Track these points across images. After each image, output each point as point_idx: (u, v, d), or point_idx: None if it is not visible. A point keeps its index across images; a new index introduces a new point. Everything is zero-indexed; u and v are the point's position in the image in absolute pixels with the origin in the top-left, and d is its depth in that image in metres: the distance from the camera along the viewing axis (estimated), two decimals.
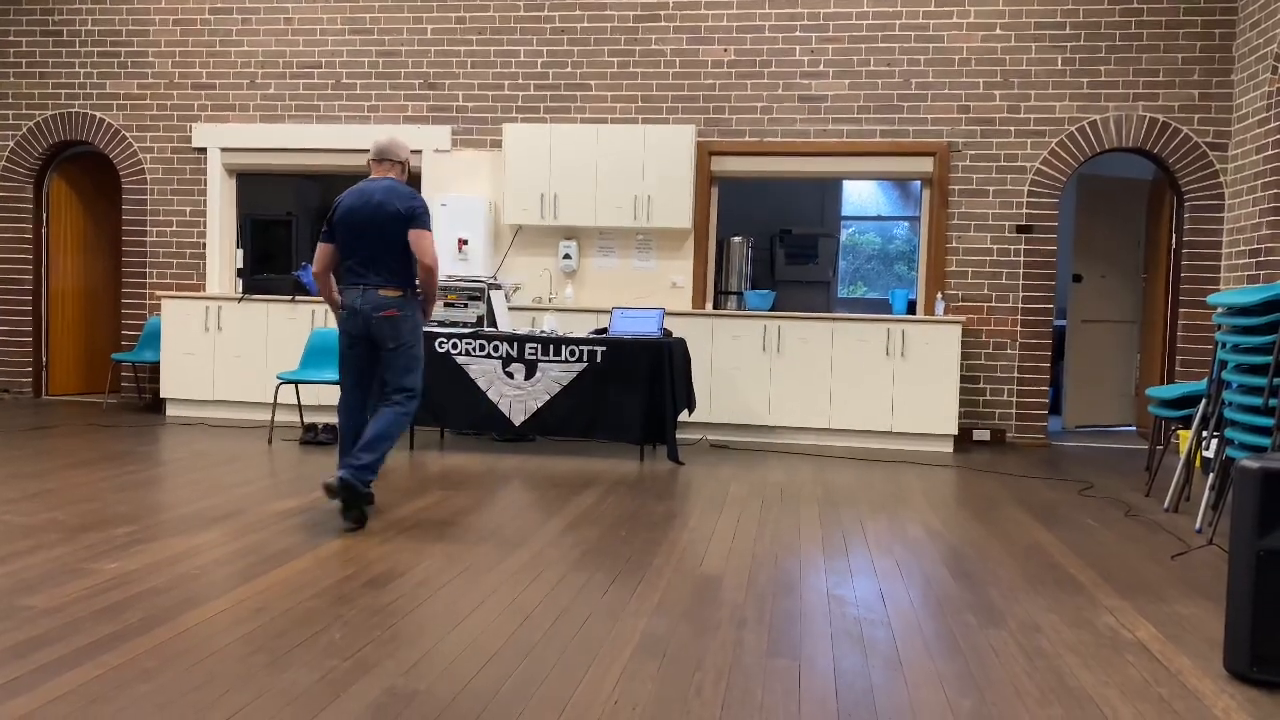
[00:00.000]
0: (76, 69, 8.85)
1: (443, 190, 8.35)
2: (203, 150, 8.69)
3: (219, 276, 8.74)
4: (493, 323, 6.88)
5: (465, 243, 8.05)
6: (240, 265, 8.94)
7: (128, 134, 8.79)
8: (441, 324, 6.84)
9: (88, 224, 9.50)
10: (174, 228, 8.77)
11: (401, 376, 4.58)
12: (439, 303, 7.11)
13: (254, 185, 11.06)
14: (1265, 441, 4.43)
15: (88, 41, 8.83)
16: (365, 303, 4.51)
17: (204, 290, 8.70)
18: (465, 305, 6.84)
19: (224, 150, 8.67)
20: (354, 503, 4.38)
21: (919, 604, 3.53)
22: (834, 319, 7.40)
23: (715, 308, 8.44)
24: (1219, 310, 4.89)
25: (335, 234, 4.57)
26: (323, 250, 4.62)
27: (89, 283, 9.53)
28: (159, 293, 8.22)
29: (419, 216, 4.52)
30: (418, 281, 4.64)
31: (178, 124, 8.73)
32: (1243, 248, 7.11)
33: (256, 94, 8.61)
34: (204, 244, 8.74)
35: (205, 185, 8.71)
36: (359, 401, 4.69)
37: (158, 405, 8.62)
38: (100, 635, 2.95)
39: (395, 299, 4.54)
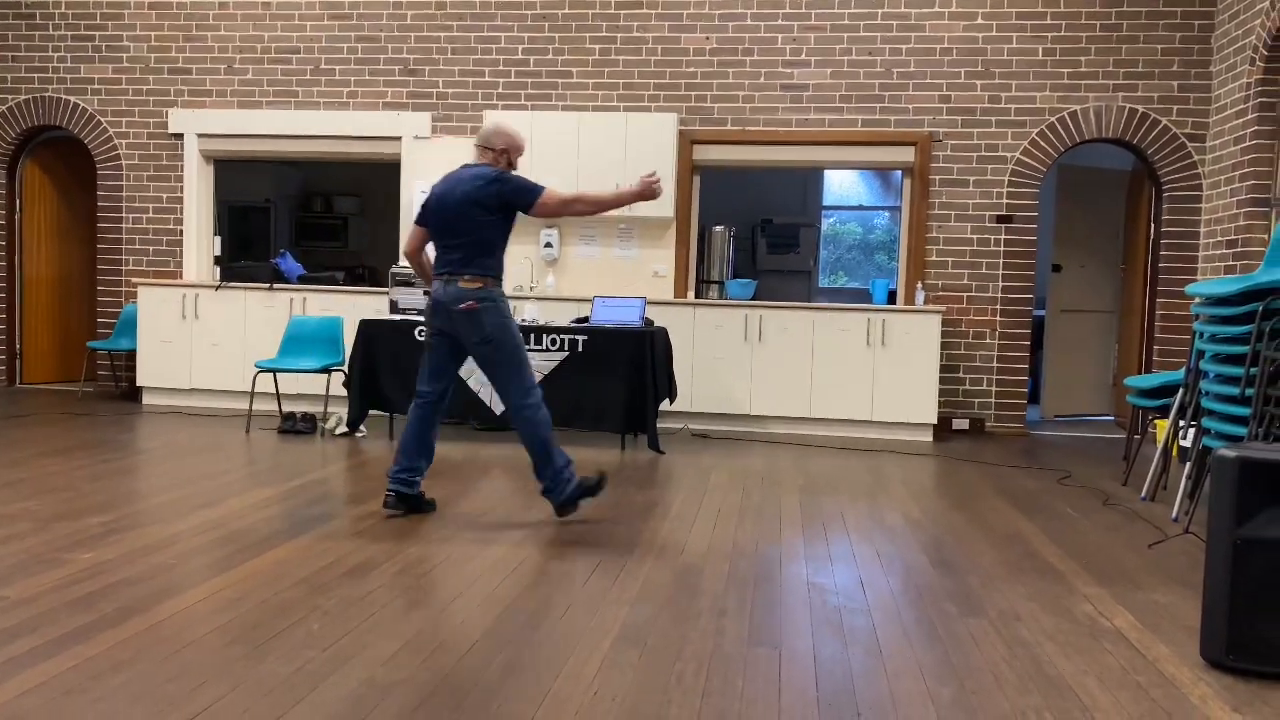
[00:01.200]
0: (50, 53, 8.72)
1: (423, 177, 8.29)
2: (179, 136, 8.60)
3: (196, 264, 8.65)
4: None
5: None
6: (218, 253, 8.86)
7: (102, 119, 8.68)
8: (422, 312, 6.80)
9: (62, 210, 9.38)
10: (150, 214, 8.67)
11: (500, 379, 4.33)
12: (419, 290, 7.05)
13: (232, 172, 10.96)
14: (1242, 431, 4.46)
15: (61, 25, 8.70)
16: (446, 295, 4.32)
17: (181, 278, 8.62)
18: None
19: (201, 136, 8.57)
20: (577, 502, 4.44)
21: (899, 592, 3.53)
22: (815, 308, 7.40)
23: (697, 297, 8.44)
24: (1196, 300, 4.92)
25: (427, 220, 4.42)
26: (413, 231, 4.51)
27: (64, 270, 9.41)
28: (135, 280, 8.13)
29: (522, 195, 4.28)
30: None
31: (154, 109, 8.62)
32: (1220, 238, 7.16)
33: (234, 79, 8.51)
34: (181, 231, 8.65)
35: (182, 171, 8.62)
36: (436, 398, 4.43)
37: (134, 394, 8.54)
38: (74, 626, 2.92)
39: (474, 290, 4.29)
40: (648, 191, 4.31)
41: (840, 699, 2.58)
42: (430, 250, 5.56)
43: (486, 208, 4.29)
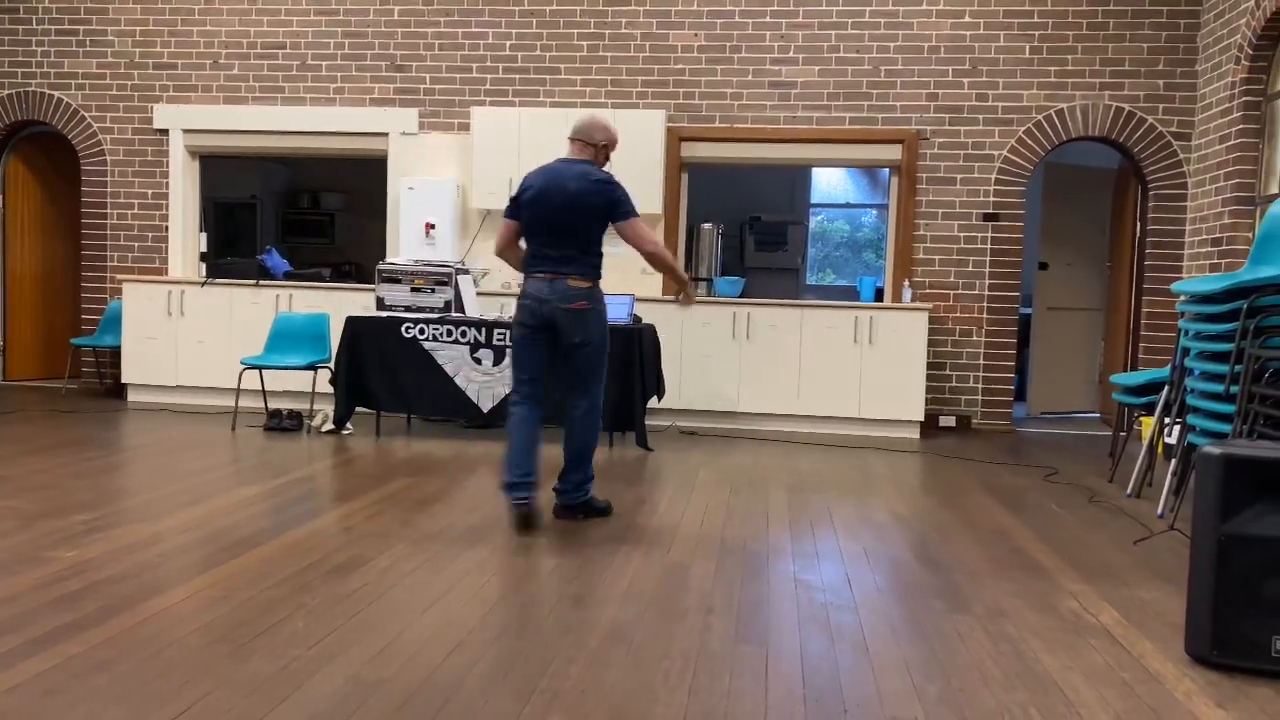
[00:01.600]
0: (33, 47, 8.66)
1: (410, 173, 8.26)
2: (164, 131, 8.54)
3: (181, 260, 8.60)
4: (460, 308, 6.82)
5: (432, 227, 7.98)
6: (203, 249, 8.81)
7: (87, 114, 8.62)
8: (409, 309, 6.78)
9: (46, 206, 9.31)
10: (135, 210, 8.62)
11: (588, 380, 4.31)
12: (406, 287, 7.03)
13: (217, 167, 10.91)
14: (1227, 428, 4.48)
15: (45, 19, 8.64)
16: (553, 293, 4.18)
17: (166, 274, 8.57)
18: (432, 290, 6.78)
19: (186, 132, 8.52)
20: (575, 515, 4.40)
21: (885, 589, 3.54)
22: (803, 306, 7.41)
23: None
24: (1182, 298, 4.94)
25: (521, 215, 4.28)
26: (505, 227, 4.34)
27: (47, 266, 9.35)
28: (120, 276, 8.08)
29: (620, 206, 4.20)
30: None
31: (138, 104, 8.57)
32: (1205, 236, 7.19)
33: (220, 74, 8.46)
34: (166, 227, 8.59)
35: (167, 167, 8.57)
36: (534, 400, 4.32)
37: (119, 391, 8.48)
38: (57, 625, 2.90)
39: (585, 290, 4.22)
40: (687, 294, 4.47)
41: (827, 696, 2.58)
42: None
43: (595, 208, 4.18)
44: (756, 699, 2.54)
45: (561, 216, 4.19)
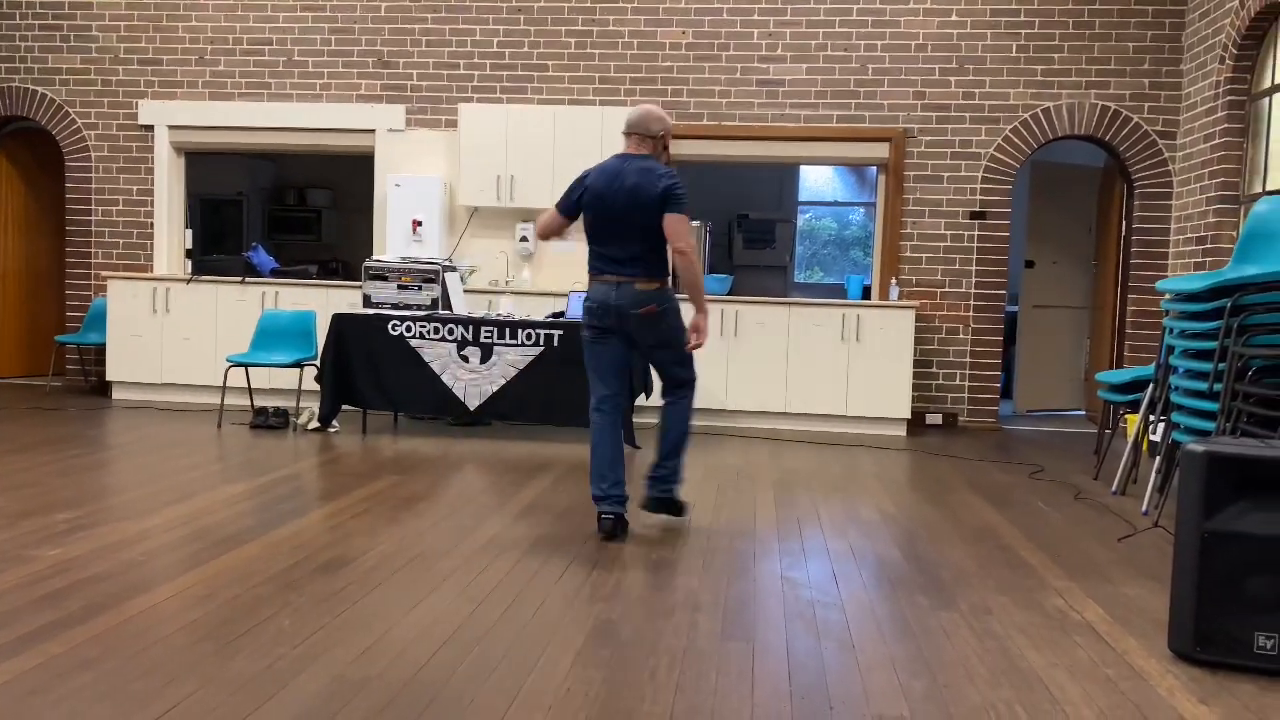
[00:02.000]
0: (17, 42, 8.59)
1: (397, 170, 8.24)
2: (149, 128, 8.49)
3: (167, 257, 8.55)
4: (448, 305, 6.81)
5: (420, 224, 7.96)
6: (189, 246, 8.77)
7: (71, 110, 8.56)
8: (395, 306, 6.76)
9: (30, 202, 9.25)
10: (120, 207, 8.57)
11: (675, 373, 4.20)
12: (393, 284, 7.01)
13: (203, 164, 10.85)
14: (1210, 425, 4.51)
15: (29, 14, 8.57)
16: (621, 298, 4.02)
17: (151, 271, 8.52)
18: (419, 288, 6.76)
19: (172, 128, 8.47)
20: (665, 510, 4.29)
21: (872, 586, 3.55)
22: (790, 304, 7.42)
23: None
24: (1166, 296, 4.96)
25: (577, 212, 4.15)
26: (553, 216, 4.17)
27: (32, 263, 9.28)
28: (105, 273, 8.03)
29: (677, 198, 4.02)
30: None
31: (123, 100, 8.51)
32: (1190, 235, 7.23)
33: (205, 70, 8.42)
34: (151, 224, 8.54)
35: (152, 163, 8.52)
36: (615, 406, 4.17)
37: (103, 388, 8.43)
38: (40, 624, 2.88)
39: (654, 292, 4.05)
40: (700, 326, 4.11)
41: (813, 693, 2.58)
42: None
43: (655, 202, 4.01)
44: (743, 696, 2.55)
45: (624, 216, 4.02)
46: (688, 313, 5.98)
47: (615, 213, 4.03)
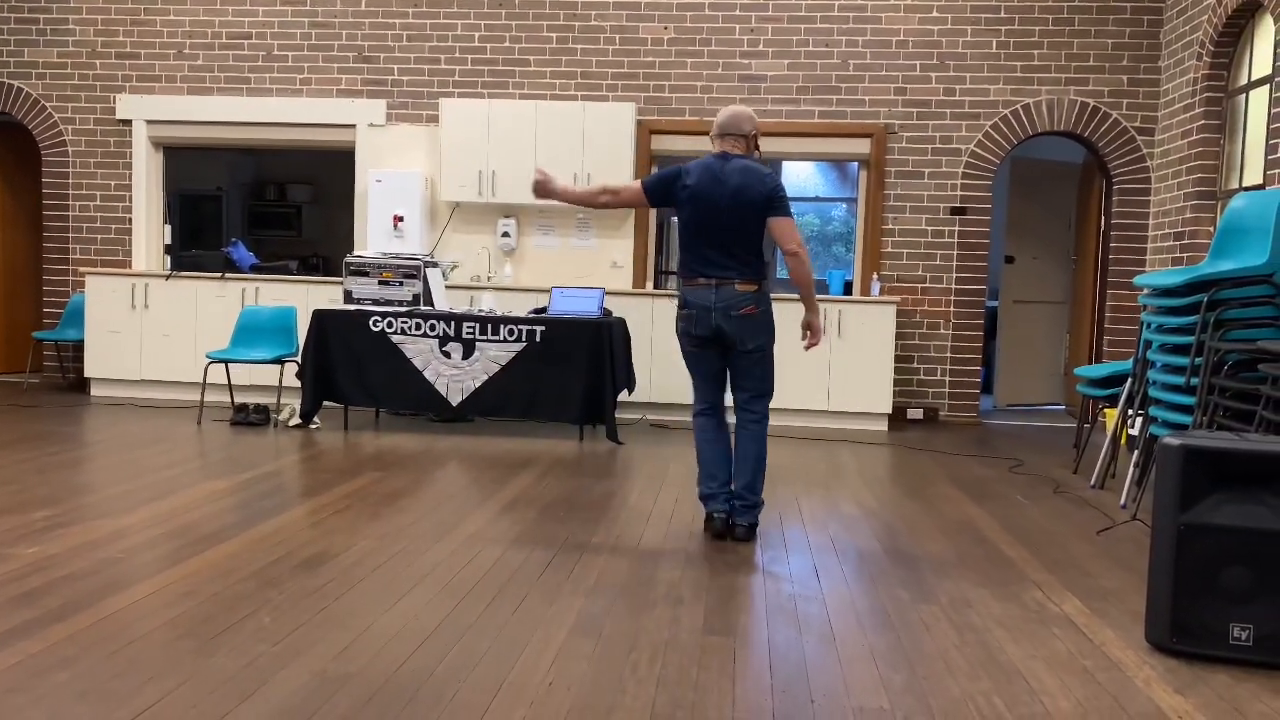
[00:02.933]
0: None
1: (378, 165, 8.20)
2: (128, 122, 8.42)
3: (146, 253, 8.49)
4: (429, 301, 6.79)
5: (401, 219, 7.93)
6: (168, 241, 8.71)
7: (48, 104, 8.48)
8: (376, 302, 6.73)
9: (6, 198, 9.16)
10: (98, 202, 8.50)
11: (759, 384, 4.14)
12: (374, 280, 6.98)
13: (182, 159, 10.77)
14: (1187, 420, 4.55)
15: (4, 7, 8.48)
16: (720, 300, 3.98)
17: (130, 267, 8.45)
18: (401, 283, 6.74)
19: (150, 122, 8.41)
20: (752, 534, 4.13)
21: (852, 580, 3.57)
22: (773, 299, 7.42)
23: (655, 288, 8.43)
24: (1144, 291, 5.00)
25: (662, 203, 4.12)
26: (636, 194, 4.11)
27: (8, 258, 9.20)
28: (83, 269, 7.96)
29: (783, 201, 4.01)
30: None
31: (100, 94, 8.44)
32: (1168, 230, 7.29)
33: (184, 64, 8.35)
34: (130, 219, 8.48)
35: (131, 158, 8.45)
36: (718, 408, 4.20)
37: (82, 385, 8.37)
38: (17, 622, 2.86)
39: (752, 294, 4.02)
40: (815, 325, 4.17)
41: (794, 686, 2.60)
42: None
43: (757, 204, 3.98)
44: (724, 690, 2.56)
45: (726, 216, 3.98)
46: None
47: (719, 214, 3.99)
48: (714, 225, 4.01)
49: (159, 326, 7.80)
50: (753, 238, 4.03)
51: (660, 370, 7.50)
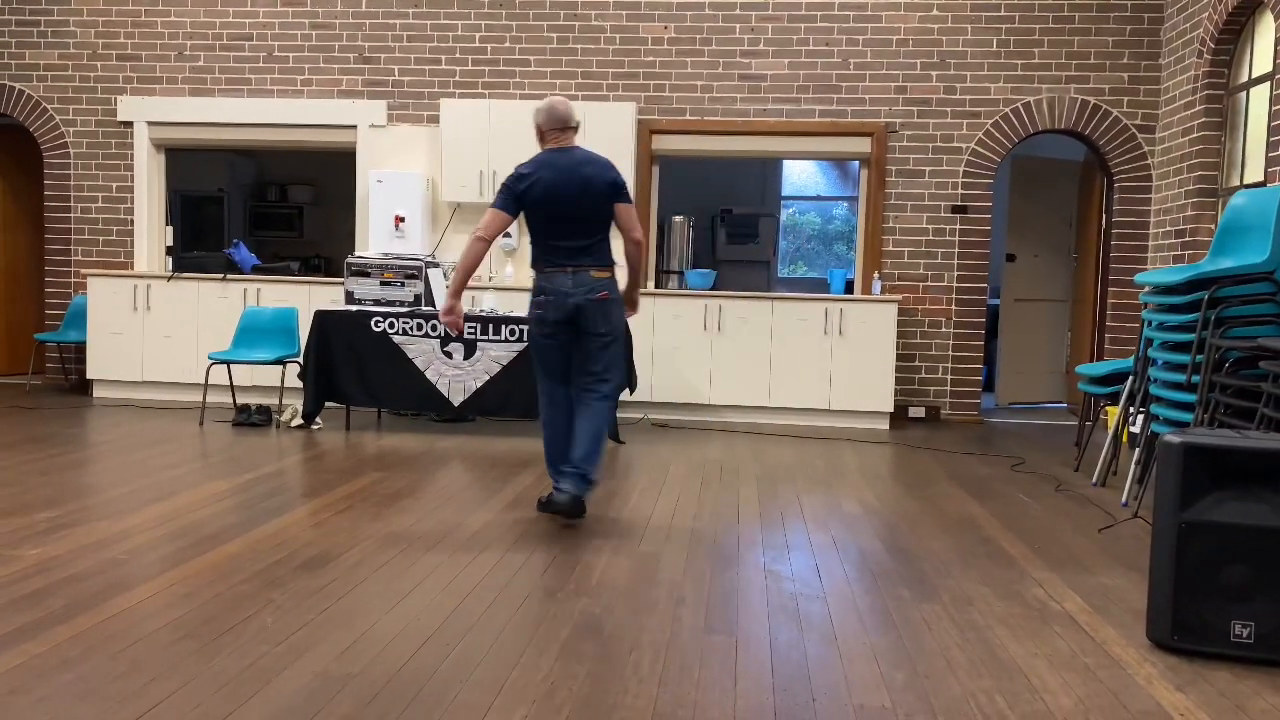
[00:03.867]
0: None
1: (379, 166, 8.21)
2: (129, 124, 8.43)
3: (147, 254, 8.50)
4: (430, 302, 6.79)
5: (402, 220, 7.93)
6: (170, 243, 8.71)
7: (49, 106, 8.49)
8: (378, 303, 6.74)
9: (8, 200, 9.17)
10: (99, 204, 8.51)
11: (606, 369, 4.25)
12: (375, 280, 6.99)
13: (183, 160, 10.78)
14: (1188, 417, 4.55)
15: (5, 9, 8.49)
16: (577, 285, 4.13)
17: (132, 268, 8.46)
18: (402, 284, 6.74)
19: (151, 124, 8.42)
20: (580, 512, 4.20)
21: (854, 579, 3.57)
22: (774, 298, 7.44)
23: (656, 287, 8.44)
24: (1145, 289, 5.00)
25: (522, 208, 4.16)
26: (500, 218, 4.13)
27: (10, 260, 9.21)
28: (85, 271, 7.97)
29: (625, 188, 4.22)
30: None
31: (101, 96, 8.45)
32: (1169, 228, 7.28)
33: (185, 66, 8.36)
34: (131, 221, 8.49)
35: (132, 160, 8.46)
36: (566, 399, 4.30)
37: (84, 387, 8.38)
38: (20, 623, 2.87)
39: (606, 280, 4.20)
40: (635, 300, 4.44)
41: (795, 684, 2.60)
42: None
43: (605, 193, 4.16)
44: (726, 689, 2.56)
45: (578, 206, 4.13)
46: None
47: (571, 206, 4.13)
48: (568, 217, 4.15)
49: (161, 328, 7.81)
50: (603, 226, 4.21)
51: (661, 369, 7.50)
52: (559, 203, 4.13)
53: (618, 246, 7.34)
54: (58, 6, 8.44)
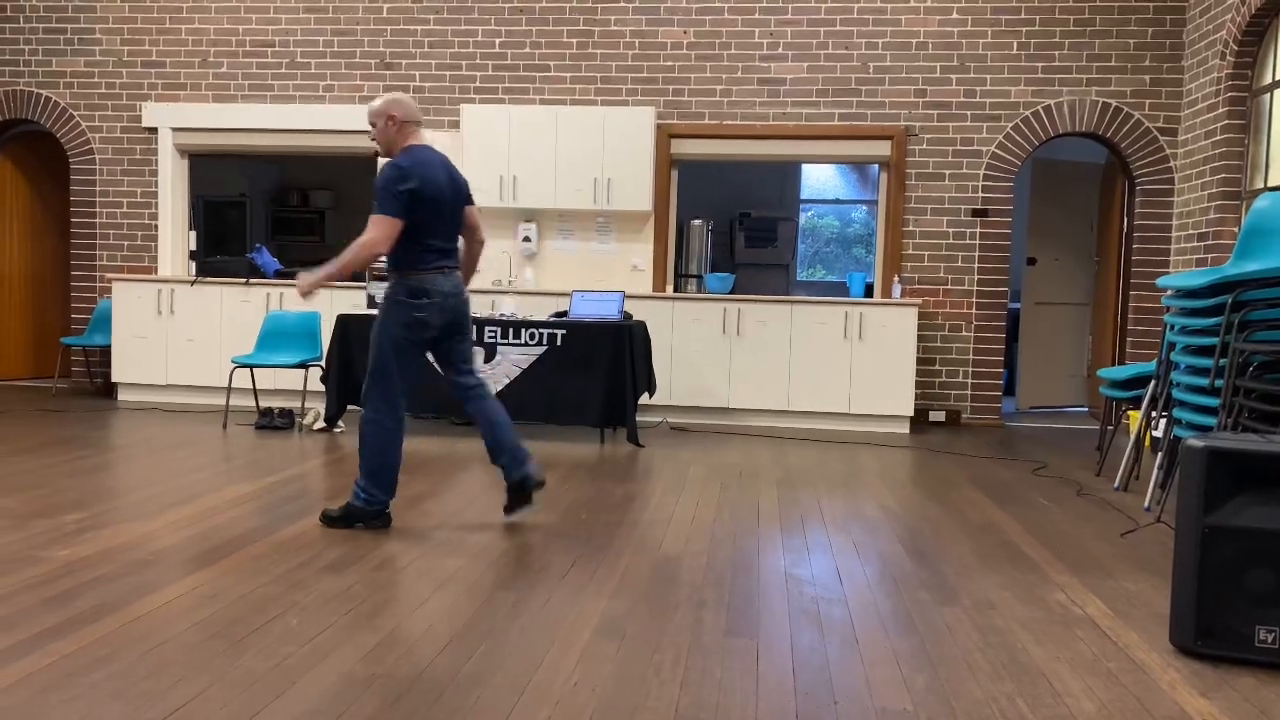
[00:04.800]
0: (21, 46, 8.63)
1: None
2: (153, 130, 8.52)
3: (171, 259, 8.59)
4: None
5: None
6: (193, 247, 8.80)
7: (75, 113, 8.59)
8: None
9: (35, 205, 9.28)
10: (124, 209, 8.60)
11: (468, 359, 4.29)
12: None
13: (207, 166, 10.87)
14: (1211, 421, 4.52)
15: (33, 18, 8.61)
16: (455, 287, 4.11)
17: (156, 273, 8.55)
18: None
19: (175, 130, 8.51)
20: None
21: (875, 582, 3.57)
22: (793, 302, 7.44)
23: (675, 291, 8.46)
24: (1168, 293, 4.98)
25: (414, 207, 3.97)
26: (396, 226, 3.94)
27: (36, 265, 9.32)
28: (109, 275, 8.06)
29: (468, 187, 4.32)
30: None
31: (127, 103, 8.55)
32: (1191, 231, 7.24)
33: (209, 73, 8.45)
34: (155, 226, 8.58)
35: (156, 166, 8.55)
36: (404, 407, 4.14)
37: (109, 390, 8.47)
38: (51, 623, 2.91)
39: (461, 278, 4.26)
40: (309, 284, 4.04)
41: (817, 688, 2.61)
42: None
43: (468, 197, 4.24)
44: (747, 691, 2.57)
45: (451, 206, 4.12)
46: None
47: (446, 205, 4.11)
48: (445, 216, 4.11)
49: (184, 331, 7.89)
50: (460, 226, 4.22)
51: (680, 373, 7.51)
52: (440, 202, 4.06)
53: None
54: (84, 14, 8.55)
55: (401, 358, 4.06)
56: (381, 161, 4.22)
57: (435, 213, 4.05)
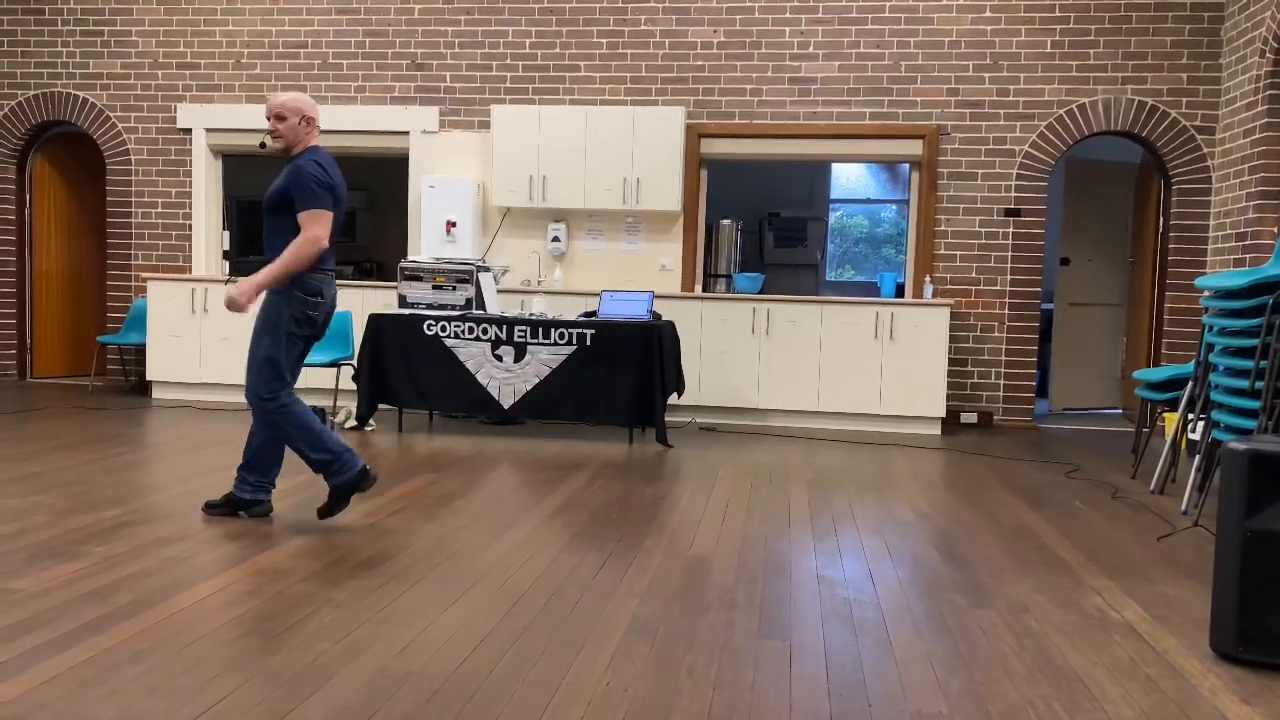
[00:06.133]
0: (59, 48, 8.75)
1: (430, 171, 8.30)
2: (188, 131, 8.62)
3: (205, 258, 8.68)
4: (481, 305, 6.85)
5: (453, 225, 8.02)
6: (226, 247, 8.89)
7: (111, 114, 8.70)
8: (430, 306, 6.82)
9: (71, 205, 9.41)
10: (159, 209, 8.70)
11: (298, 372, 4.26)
12: (428, 284, 7.06)
13: (240, 166, 10.97)
14: (1252, 424, 4.46)
15: (70, 20, 8.72)
16: (335, 295, 4.14)
17: (190, 272, 8.64)
18: (454, 288, 6.81)
19: (209, 131, 8.59)
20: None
21: (908, 584, 3.54)
22: (823, 302, 7.40)
23: (704, 290, 8.44)
24: (1206, 293, 4.91)
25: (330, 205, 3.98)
26: (326, 219, 3.94)
27: (73, 264, 9.45)
28: (145, 275, 8.16)
29: None
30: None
31: (162, 104, 8.65)
32: (1229, 231, 7.14)
33: (242, 74, 8.53)
34: (190, 225, 8.67)
35: (190, 166, 8.64)
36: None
37: (144, 388, 8.57)
38: (89, 618, 2.94)
39: None
40: (238, 293, 3.93)
41: (851, 690, 2.59)
42: None
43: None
44: (781, 693, 2.56)
45: (341, 210, 4.06)
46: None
47: (340, 209, 4.04)
48: (336, 221, 4.02)
49: (218, 330, 7.96)
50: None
51: (709, 373, 7.50)
52: (340, 207, 4.03)
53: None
54: (120, 17, 8.65)
55: (292, 353, 4.06)
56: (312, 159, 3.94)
57: (335, 216, 4.01)
